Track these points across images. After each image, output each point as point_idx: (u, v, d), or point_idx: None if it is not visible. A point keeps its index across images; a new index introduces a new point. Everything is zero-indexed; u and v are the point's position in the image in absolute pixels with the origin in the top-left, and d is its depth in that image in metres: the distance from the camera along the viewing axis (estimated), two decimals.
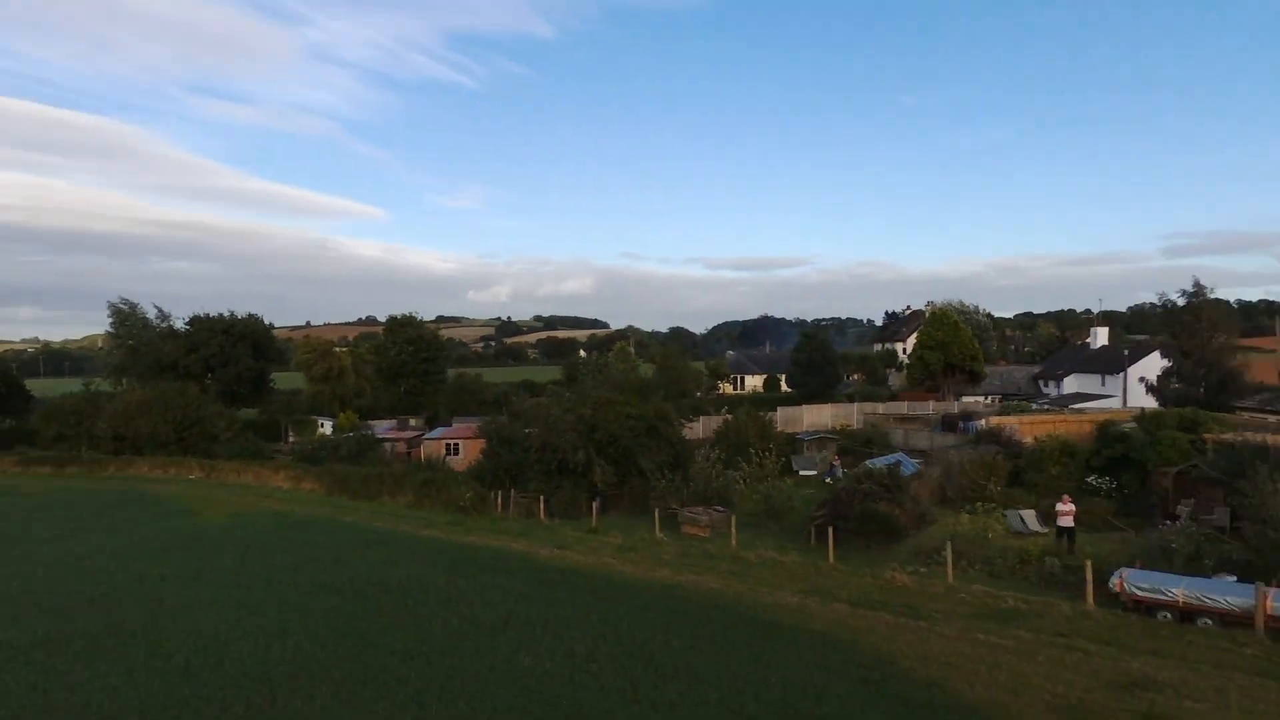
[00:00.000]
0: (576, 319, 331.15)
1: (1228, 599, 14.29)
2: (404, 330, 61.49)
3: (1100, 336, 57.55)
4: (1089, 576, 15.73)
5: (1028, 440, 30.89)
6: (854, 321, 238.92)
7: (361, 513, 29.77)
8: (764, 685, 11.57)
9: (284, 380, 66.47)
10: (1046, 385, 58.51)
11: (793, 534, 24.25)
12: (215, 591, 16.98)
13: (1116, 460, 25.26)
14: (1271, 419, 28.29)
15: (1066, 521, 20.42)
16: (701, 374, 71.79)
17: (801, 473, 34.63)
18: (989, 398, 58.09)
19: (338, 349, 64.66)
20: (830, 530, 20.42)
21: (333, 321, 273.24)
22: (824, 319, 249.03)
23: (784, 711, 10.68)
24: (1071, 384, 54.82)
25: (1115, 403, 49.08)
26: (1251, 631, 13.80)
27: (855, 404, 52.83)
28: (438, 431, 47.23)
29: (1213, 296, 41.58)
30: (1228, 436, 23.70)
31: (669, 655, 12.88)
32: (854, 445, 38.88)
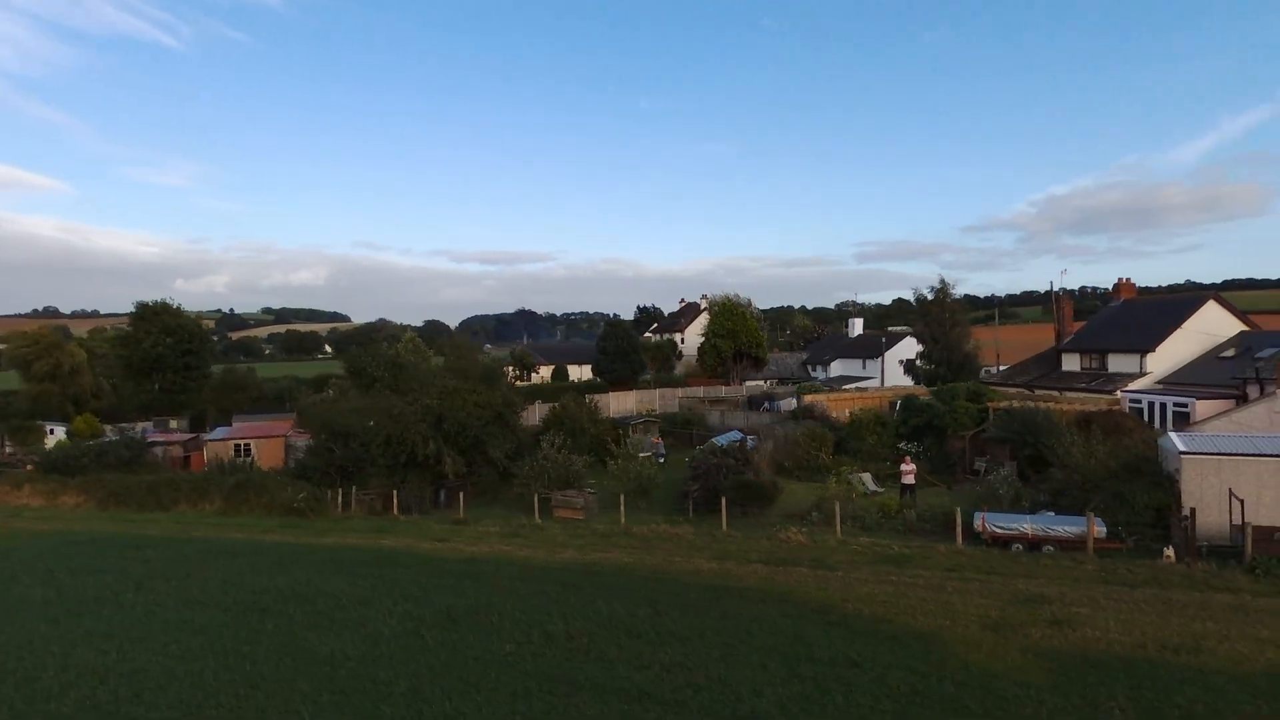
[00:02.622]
0: (313, 312, 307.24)
1: (1066, 529, 17.54)
2: (159, 319, 53.34)
3: (857, 326, 65.92)
4: (958, 521, 18.40)
5: (836, 415, 34.73)
6: (602, 315, 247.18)
7: (164, 524, 25.78)
8: (750, 636, 12.18)
9: None
10: (814, 369, 65.62)
11: (663, 508, 25.18)
12: (59, 625, 13.89)
13: (920, 428, 29.43)
14: (1027, 391, 34.53)
15: (908, 480, 23.51)
16: (497, 364, 70.51)
17: (641, 454, 35.76)
18: (768, 381, 63.88)
19: (68, 343, 54.43)
20: (723, 501, 21.51)
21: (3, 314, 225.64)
22: (573, 313, 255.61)
23: (787, 656, 11.36)
24: (837, 367, 62.06)
25: (874, 383, 56.55)
26: (1083, 552, 17.12)
27: (657, 390, 55.43)
28: (220, 432, 41.80)
29: (955, 294, 49.16)
30: (1003, 405, 28.70)
31: (643, 623, 13.01)
32: (674, 428, 40.90)
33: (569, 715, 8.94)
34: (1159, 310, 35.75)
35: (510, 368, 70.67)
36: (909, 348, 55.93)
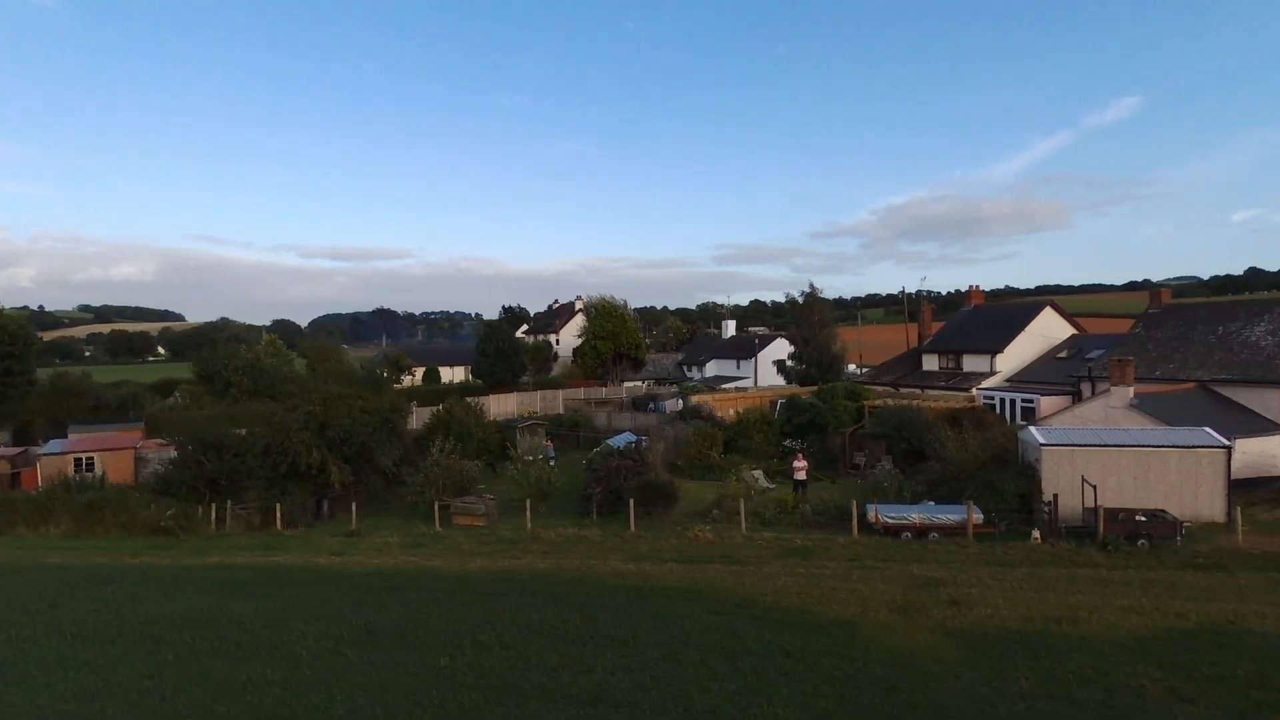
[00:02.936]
0: (140, 310, 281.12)
1: (949, 517, 19.15)
2: None
3: (729, 328, 68.30)
4: (854, 514, 19.65)
5: (721, 414, 35.94)
6: (463, 314, 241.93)
7: (3, 550, 22.98)
8: (685, 634, 12.53)
9: None
10: (690, 369, 67.36)
11: (564, 511, 25.12)
12: None
13: (803, 425, 31.03)
14: (893, 390, 37.15)
15: (800, 475, 24.77)
16: (373, 366, 67.64)
17: (527, 458, 35.43)
18: (645, 382, 64.93)
19: None
20: (630, 502, 21.78)
21: None
22: (433, 312, 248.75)
23: (724, 651, 11.79)
24: (712, 368, 64.02)
25: (748, 382, 58.85)
26: (964, 537, 18.77)
27: (537, 392, 55.04)
28: (55, 445, 37.47)
29: (821, 297, 51.94)
30: (877, 403, 30.81)
31: (575, 628, 13.06)
32: (561, 430, 40.82)
33: None
34: (1004, 315, 39.63)
35: (380, 370, 67.91)
36: (780, 349, 58.58)
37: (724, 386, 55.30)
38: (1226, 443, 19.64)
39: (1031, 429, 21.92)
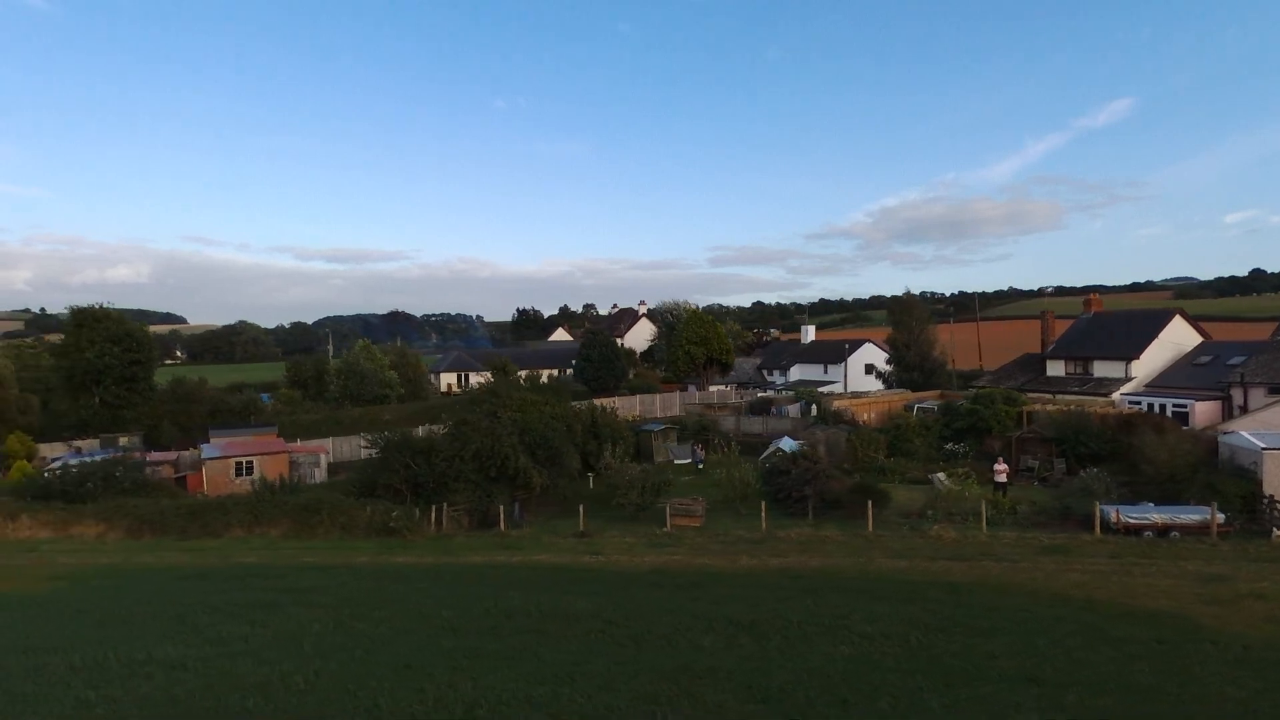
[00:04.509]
0: (142, 312, 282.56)
1: (1190, 517, 20.30)
2: (101, 326, 48.64)
3: (810, 333, 69.53)
4: (1096, 514, 20.85)
5: (864, 419, 37.12)
6: (465, 317, 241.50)
7: (241, 552, 23.94)
8: (1044, 624, 13.61)
9: None
10: (771, 374, 68.54)
11: (753, 513, 26.08)
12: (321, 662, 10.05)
13: (963, 430, 32.21)
14: (1020, 394, 38.16)
15: (1002, 478, 25.92)
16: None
17: (676, 461, 36.66)
18: (729, 386, 66.16)
19: None
20: (869, 504, 22.85)
21: None
22: (433, 314, 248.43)
23: (1099, 639, 12.89)
24: (796, 372, 65.18)
25: (837, 387, 59.98)
26: (1206, 536, 19.94)
27: (637, 396, 56.37)
28: (211, 450, 38.91)
29: (917, 298, 53.10)
30: (1037, 408, 31.99)
31: (942, 618, 13.91)
32: (691, 434, 42.05)
33: None
34: (1132, 322, 40.74)
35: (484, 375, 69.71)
36: (869, 353, 59.79)
37: (824, 389, 56.37)
38: None
39: (1242, 433, 23.06)
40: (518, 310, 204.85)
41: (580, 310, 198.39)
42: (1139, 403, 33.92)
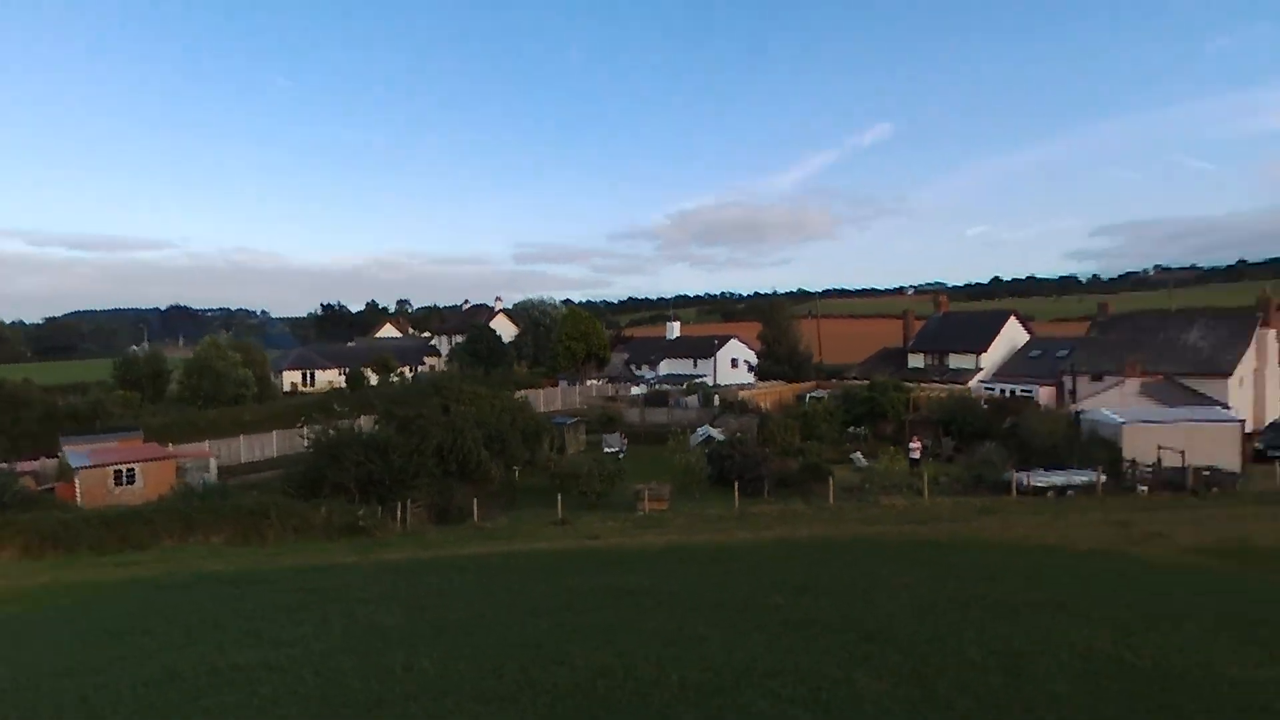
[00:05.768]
0: None
1: (1081, 478, 25.06)
2: None
3: (675, 329, 73.04)
4: (1013, 480, 25.09)
5: (763, 408, 40.54)
6: (247, 312, 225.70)
7: (181, 561, 22.13)
8: (1028, 568, 16.89)
9: None
10: (639, 368, 71.15)
11: (702, 494, 28.25)
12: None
13: (861, 415, 36.39)
14: (921, 385, 43.38)
15: (916, 454, 29.91)
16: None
17: (606, 450, 37.93)
18: (603, 381, 68.02)
19: None
20: (830, 480, 25.70)
21: None
22: (211, 309, 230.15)
23: (1071, 575, 16.30)
24: (665, 366, 68.24)
25: (708, 380, 63.80)
26: (1093, 494, 24.79)
27: (526, 391, 56.73)
28: (79, 458, 34.58)
29: (782, 297, 57.93)
30: (922, 394, 36.87)
31: (950, 573, 16.79)
32: (599, 427, 43.50)
33: None
34: (977, 321, 47.75)
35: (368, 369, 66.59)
36: (734, 349, 64.20)
37: (696, 382, 59.75)
38: (1241, 417, 27.23)
39: (1103, 410, 28.63)
40: (322, 306, 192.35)
41: (394, 307, 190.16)
42: (992, 388, 40.19)
